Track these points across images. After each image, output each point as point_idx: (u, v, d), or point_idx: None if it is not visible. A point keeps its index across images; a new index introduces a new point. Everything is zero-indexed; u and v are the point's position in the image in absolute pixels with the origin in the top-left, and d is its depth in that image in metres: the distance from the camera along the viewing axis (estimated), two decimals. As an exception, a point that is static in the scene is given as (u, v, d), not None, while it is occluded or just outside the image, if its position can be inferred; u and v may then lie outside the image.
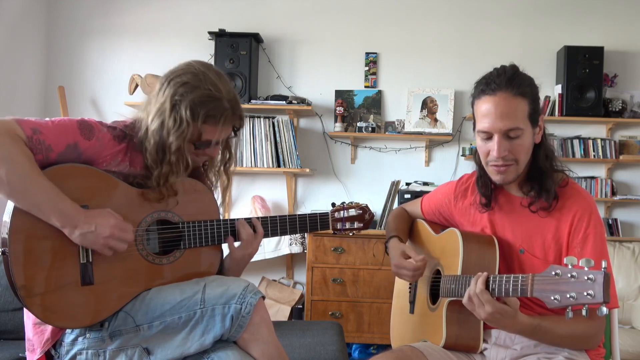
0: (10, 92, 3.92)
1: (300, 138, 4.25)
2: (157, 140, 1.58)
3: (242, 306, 1.52)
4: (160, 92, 1.61)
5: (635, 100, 4.15)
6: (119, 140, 1.60)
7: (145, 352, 1.55)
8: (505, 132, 1.55)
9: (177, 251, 1.66)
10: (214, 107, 1.59)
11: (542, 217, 1.63)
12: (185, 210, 1.67)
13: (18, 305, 2.51)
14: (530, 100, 1.57)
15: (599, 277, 1.22)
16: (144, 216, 1.62)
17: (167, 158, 1.59)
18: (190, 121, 1.57)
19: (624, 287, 3.64)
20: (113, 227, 1.50)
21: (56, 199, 1.44)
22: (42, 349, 1.57)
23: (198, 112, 1.57)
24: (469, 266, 1.64)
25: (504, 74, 1.56)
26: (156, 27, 4.31)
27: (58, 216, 1.45)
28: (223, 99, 1.60)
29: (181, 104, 1.56)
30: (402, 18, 4.29)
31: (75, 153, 1.52)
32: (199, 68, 1.62)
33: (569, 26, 4.22)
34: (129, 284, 1.58)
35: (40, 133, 1.46)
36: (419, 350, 1.60)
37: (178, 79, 1.59)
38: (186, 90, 1.57)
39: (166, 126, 1.57)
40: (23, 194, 1.42)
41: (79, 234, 1.47)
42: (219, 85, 1.61)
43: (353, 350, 3.94)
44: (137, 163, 1.63)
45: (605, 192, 4.06)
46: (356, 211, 1.91)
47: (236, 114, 1.64)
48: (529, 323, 1.47)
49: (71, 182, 1.51)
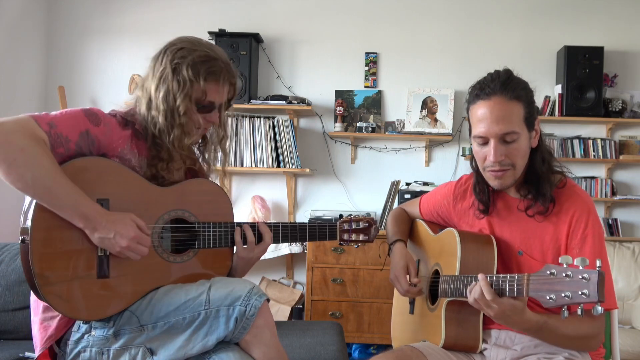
0: (10, 92, 3.92)
1: (300, 138, 4.25)
2: (165, 107, 1.61)
3: (246, 308, 1.53)
4: (157, 63, 1.65)
5: (635, 100, 4.15)
6: (122, 126, 1.62)
7: (149, 352, 1.55)
8: (501, 136, 1.55)
9: (191, 250, 1.68)
10: (214, 65, 1.64)
11: (539, 221, 1.63)
12: (201, 210, 1.70)
13: (18, 305, 2.51)
14: (526, 103, 1.57)
15: (594, 276, 1.23)
16: (162, 214, 1.64)
17: (178, 121, 1.62)
18: (194, 80, 1.61)
19: (624, 287, 3.64)
20: (131, 240, 1.52)
21: (79, 202, 1.47)
22: (44, 345, 1.57)
23: (199, 70, 1.61)
24: (467, 266, 1.64)
25: (497, 78, 1.57)
26: (156, 27, 4.31)
27: (80, 218, 1.48)
28: (219, 59, 1.66)
29: (182, 66, 1.61)
30: (402, 18, 4.29)
31: (88, 140, 1.54)
32: (191, 37, 1.70)
33: (569, 26, 4.22)
34: (143, 280, 1.59)
35: (56, 126, 1.48)
36: (418, 351, 1.60)
37: (173, 47, 1.65)
38: (184, 54, 1.63)
39: (171, 90, 1.61)
40: (48, 197, 1.44)
41: (98, 237, 1.50)
42: (213, 48, 1.69)
43: (353, 350, 3.94)
44: (142, 149, 1.65)
45: (605, 192, 4.06)
46: (363, 224, 1.94)
47: (232, 74, 1.69)
48: (536, 320, 1.46)
49: (91, 175, 1.54)
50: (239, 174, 4.29)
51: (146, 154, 1.66)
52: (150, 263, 1.60)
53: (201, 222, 1.69)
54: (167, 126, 1.62)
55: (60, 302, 1.49)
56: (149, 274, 1.60)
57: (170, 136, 1.62)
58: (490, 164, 1.59)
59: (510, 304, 1.40)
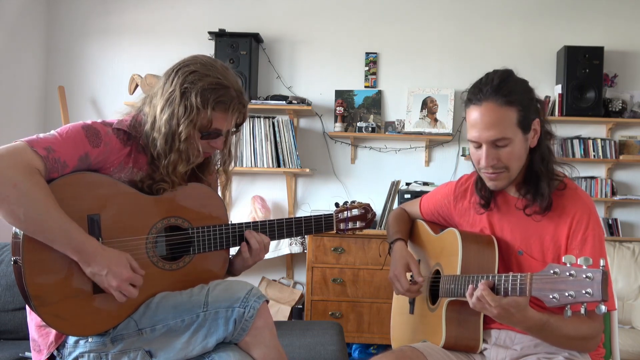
0: (10, 92, 3.91)
1: (300, 138, 4.25)
2: (167, 130, 1.57)
3: (245, 310, 1.53)
4: (167, 83, 1.60)
5: (635, 100, 4.15)
6: (124, 143, 1.60)
7: (148, 355, 1.55)
8: (492, 142, 1.56)
9: (187, 256, 1.67)
10: (224, 94, 1.59)
11: (537, 220, 1.63)
12: (194, 215, 1.68)
13: (18, 305, 2.51)
14: (520, 107, 1.55)
15: (597, 275, 1.23)
16: (155, 222, 1.62)
17: (177, 146, 1.58)
18: (201, 107, 1.56)
19: (624, 287, 3.63)
20: (123, 281, 1.50)
21: (72, 236, 1.44)
22: (48, 350, 1.57)
23: (208, 98, 1.56)
24: (468, 266, 1.64)
25: (491, 82, 1.55)
26: (156, 27, 4.31)
27: (73, 252, 1.46)
28: (231, 88, 1.61)
29: (191, 91, 1.56)
30: (402, 18, 4.29)
31: (86, 163, 1.52)
32: (206, 59, 1.64)
33: (569, 26, 4.22)
34: (140, 291, 1.57)
35: (54, 151, 1.45)
36: (418, 351, 1.60)
37: (186, 68, 1.60)
38: (195, 78, 1.57)
39: (176, 115, 1.56)
40: (41, 233, 1.43)
41: (90, 271, 1.48)
42: (227, 75, 1.62)
43: (353, 350, 3.94)
44: (141, 163, 1.63)
45: (605, 192, 4.05)
46: (359, 211, 1.91)
47: (242, 104, 1.64)
48: (538, 318, 1.46)
49: (81, 190, 1.51)
50: (239, 174, 4.28)
51: (145, 168, 1.63)
52: (146, 273, 1.58)
53: (195, 227, 1.67)
54: (166, 150, 1.58)
55: (58, 320, 1.48)
56: (145, 284, 1.58)
57: (166, 160, 1.59)
58: (484, 167, 1.60)
59: (513, 301, 1.39)
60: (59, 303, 1.48)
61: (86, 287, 1.51)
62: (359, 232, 1.94)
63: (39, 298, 1.45)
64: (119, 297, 1.51)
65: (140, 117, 1.64)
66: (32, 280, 1.44)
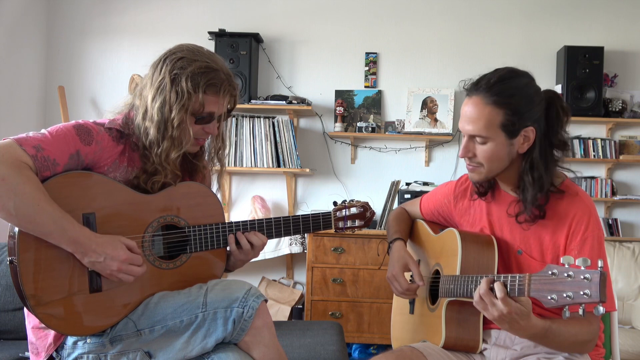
0: (10, 92, 3.91)
1: (300, 138, 4.25)
2: (160, 118, 1.57)
3: (244, 310, 1.52)
4: (156, 72, 1.60)
5: (635, 100, 4.15)
6: (117, 141, 1.59)
7: (147, 355, 1.55)
8: (470, 136, 1.58)
9: (184, 255, 1.67)
10: (214, 77, 1.59)
11: (526, 228, 1.63)
12: (190, 214, 1.67)
13: (18, 305, 2.51)
14: (508, 111, 1.53)
15: (595, 276, 1.22)
16: (151, 221, 1.61)
17: (169, 133, 1.57)
18: (192, 92, 1.56)
19: (624, 287, 3.63)
20: (122, 262, 1.49)
21: (65, 228, 1.44)
22: (46, 352, 1.57)
23: (198, 82, 1.56)
24: (468, 266, 1.64)
25: (489, 79, 1.56)
26: (156, 27, 4.31)
27: (68, 243, 1.45)
28: (220, 70, 1.61)
29: (181, 77, 1.56)
30: (402, 18, 4.29)
31: (78, 161, 1.51)
32: (192, 45, 1.65)
33: (569, 26, 4.22)
34: (137, 290, 1.57)
35: (42, 150, 1.44)
36: (418, 351, 1.60)
37: (173, 55, 1.61)
38: (184, 64, 1.58)
39: (168, 102, 1.56)
40: (32, 226, 1.42)
41: (88, 261, 1.48)
42: (214, 59, 1.63)
43: (353, 350, 3.94)
44: (136, 161, 1.63)
45: (605, 192, 4.05)
46: (357, 209, 1.90)
47: (232, 87, 1.64)
48: (542, 325, 1.44)
49: (75, 190, 1.50)
50: (239, 174, 4.29)
51: (139, 165, 1.63)
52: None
53: (191, 225, 1.67)
54: (158, 138, 1.58)
55: (54, 320, 1.48)
56: (142, 283, 1.58)
57: (158, 148, 1.58)
58: (461, 157, 1.63)
59: (517, 307, 1.38)
60: (56, 302, 1.48)
61: (82, 285, 1.51)
62: (358, 230, 1.92)
63: (35, 297, 1.45)
64: (125, 278, 1.51)
65: (131, 114, 1.64)
66: (27, 280, 1.44)
